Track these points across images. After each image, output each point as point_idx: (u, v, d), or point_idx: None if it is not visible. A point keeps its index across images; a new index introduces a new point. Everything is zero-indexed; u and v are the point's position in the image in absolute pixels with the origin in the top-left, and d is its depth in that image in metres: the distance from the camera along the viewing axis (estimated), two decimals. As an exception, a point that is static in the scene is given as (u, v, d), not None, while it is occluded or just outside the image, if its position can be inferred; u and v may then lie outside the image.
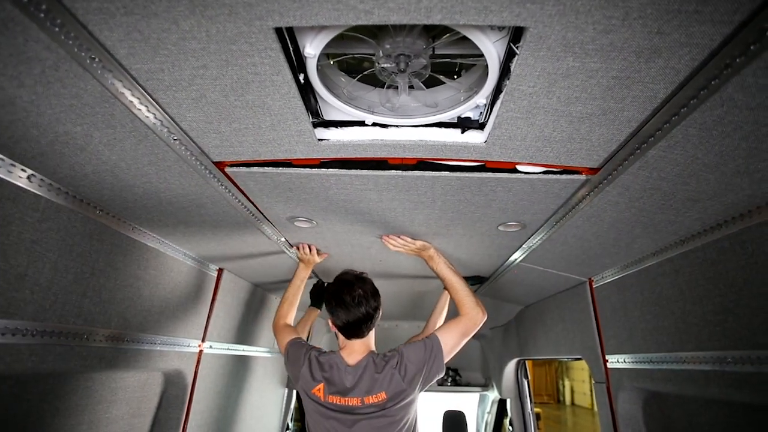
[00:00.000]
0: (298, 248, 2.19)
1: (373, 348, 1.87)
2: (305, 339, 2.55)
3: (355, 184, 1.41)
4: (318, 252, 2.24)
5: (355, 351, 1.81)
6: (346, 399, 1.68)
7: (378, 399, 1.66)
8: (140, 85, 0.92)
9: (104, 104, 0.96)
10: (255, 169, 1.33)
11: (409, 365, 1.70)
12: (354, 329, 1.78)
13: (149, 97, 0.96)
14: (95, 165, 1.22)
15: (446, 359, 1.76)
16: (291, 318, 2.24)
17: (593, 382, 2.26)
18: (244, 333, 2.84)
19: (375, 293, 1.81)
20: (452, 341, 1.79)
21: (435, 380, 1.78)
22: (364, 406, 1.66)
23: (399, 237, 1.95)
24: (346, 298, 1.74)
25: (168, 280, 1.99)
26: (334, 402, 1.70)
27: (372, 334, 1.86)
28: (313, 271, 2.52)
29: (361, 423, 1.67)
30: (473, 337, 4.38)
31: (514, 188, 1.38)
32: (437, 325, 2.47)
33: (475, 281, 2.82)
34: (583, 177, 1.28)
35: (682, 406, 1.76)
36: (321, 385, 1.75)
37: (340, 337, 1.84)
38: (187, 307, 2.16)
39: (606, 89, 0.89)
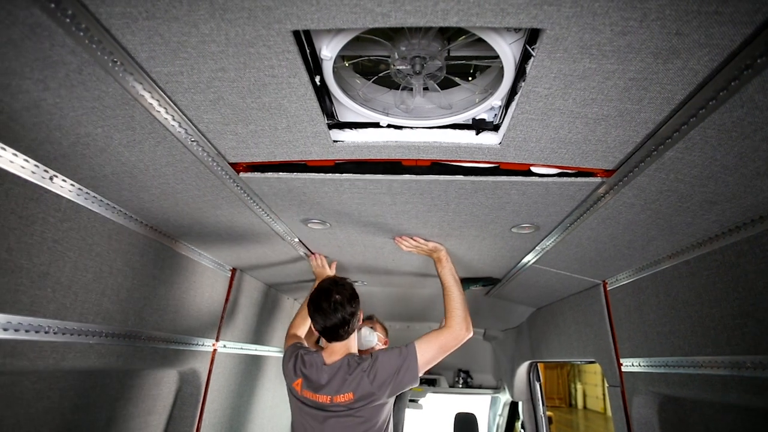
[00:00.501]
0: (311, 258, 2.27)
1: (354, 350, 1.92)
2: (315, 341, 2.58)
3: (369, 188, 1.42)
4: (329, 263, 2.32)
5: (335, 352, 1.87)
6: (317, 396, 1.76)
7: (345, 399, 1.71)
8: (160, 88, 0.94)
9: (125, 106, 0.98)
10: (269, 174, 1.35)
11: (380, 370, 1.73)
12: (332, 333, 1.82)
13: (168, 100, 0.98)
14: (115, 166, 1.25)
15: (421, 371, 1.78)
16: (303, 331, 2.30)
17: (607, 385, 2.24)
18: (257, 333, 2.86)
19: (352, 298, 1.84)
20: (429, 354, 1.80)
21: (407, 389, 1.80)
22: (332, 404, 1.73)
23: (412, 238, 1.97)
24: (323, 304, 1.79)
25: (183, 280, 2.02)
26: (308, 397, 1.78)
27: (353, 336, 1.91)
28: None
29: (331, 420, 1.74)
30: (485, 338, 4.33)
31: (528, 191, 1.37)
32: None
33: (487, 282, 2.82)
34: (597, 180, 1.27)
35: (699, 411, 1.73)
36: (299, 380, 1.84)
37: (323, 339, 1.91)
38: (202, 306, 2.19)
39: (623, 91, 0.88)
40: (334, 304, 1.78)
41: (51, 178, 1.25)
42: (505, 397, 4.23)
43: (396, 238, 1.97)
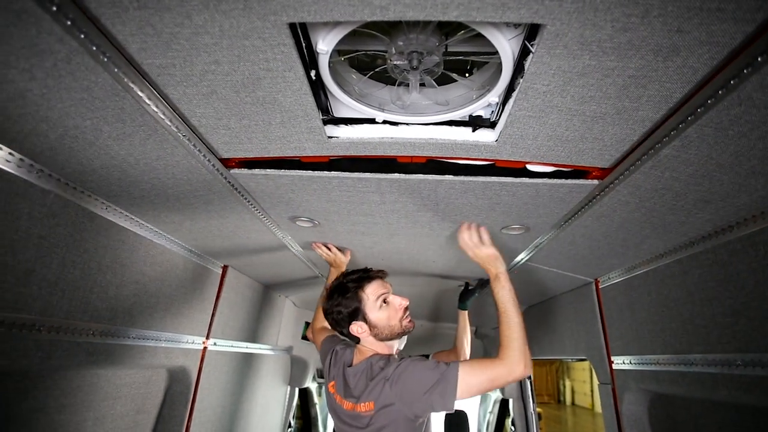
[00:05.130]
0: (317, 248, 2.09)
1: (382, 350, 1.68)
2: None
3: (358, 186, 1.40)
4: (340, 249, 2.14)
5: (360, 351, 1.70)
6: (344, 401, 1.58)
7: (366, 408, 1.48)
8: (151, 80, 0.92)
9: (114, 98, 0.95)
10: (257, 171, 1.33)
11: (406, 383, 1.45)
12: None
13: (159, 92, 0.96)
14: (104, 160, 1.22)
15: (459, 398, 1.44)
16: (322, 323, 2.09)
17: (598, 383, 2.25)
18: (248, 330, 2.84)
19: (338, 290, 1.67)
20: (474, 383, 1.43)
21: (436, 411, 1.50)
22: (354, 413, 1.52)
23: (479, 228, 1.68)
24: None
25: (174, 277, 1.98)
26: (338, 403, 1.61)
27: (369, 341, 1.67)
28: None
29: None
30: (476, 336, 4.32)
31: (518, 193, 1.37)
32: (465, 346, 2.42)
33: (483, 285, 2.82)
34: (589, 183, 1.28)
35: (689, 408, 1.75)
36: (333, 382, 1.68)
37: None
38: (192, 303, 2.16)
39: (621, 88, 0.88)
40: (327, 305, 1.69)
41: (37, 173, 1.22)
42: (495, 395, 4.25)
43: (463, 224, 1.69)
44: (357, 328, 1.64)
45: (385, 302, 1.66)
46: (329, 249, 2.07)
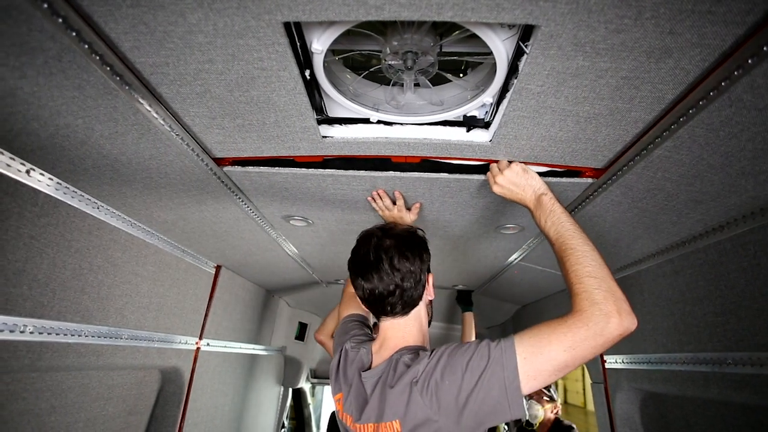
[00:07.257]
0: (374, 201, 1.51)
1: (413, 340, 1.19)
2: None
3: (353, 184, 1.40)
4: (407, 205, 1.53)
5: (386, 342, 1.20)
6: (358, 425, 1.11)
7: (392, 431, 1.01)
8: (144, 79, 0.91)
9: (107, 96, 0.94)
10: (251, 168, 1.32)
11: (443, 384, 0.96)
12: (377, 304, 1.17)
13: (153, 91, 0.95)
14: (95, 159, 1.21)
15: (527, 388, 0.93)
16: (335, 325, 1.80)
17: (591, 382, 2.27)
18: (241, 331, 2.82)
19: (411, 246, 1.17)
20: (543, 363, 0.93)
21: (500, 423, 0.98)
22: None
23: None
24: (361, 250, 1.19)
25: (166, 277, 1.97)
26: (348, 425, 1.16)
27: (415, 315, 1.20)
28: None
29: None
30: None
31: None
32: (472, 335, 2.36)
33: (466, 299, 2.82)
34: (584, 181, 1.28)
35: (680, 406, 1.77)
36: (340, 395, 1.22)
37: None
38: (185, 304, 2.14)
39: (614, 89, 0.88)
40: (374, 252, 1.15)
41: (28, 172, 1.21)
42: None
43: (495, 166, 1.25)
44: (430, 281, 1.25)
45: None
46: (388, 201, 1.49)
